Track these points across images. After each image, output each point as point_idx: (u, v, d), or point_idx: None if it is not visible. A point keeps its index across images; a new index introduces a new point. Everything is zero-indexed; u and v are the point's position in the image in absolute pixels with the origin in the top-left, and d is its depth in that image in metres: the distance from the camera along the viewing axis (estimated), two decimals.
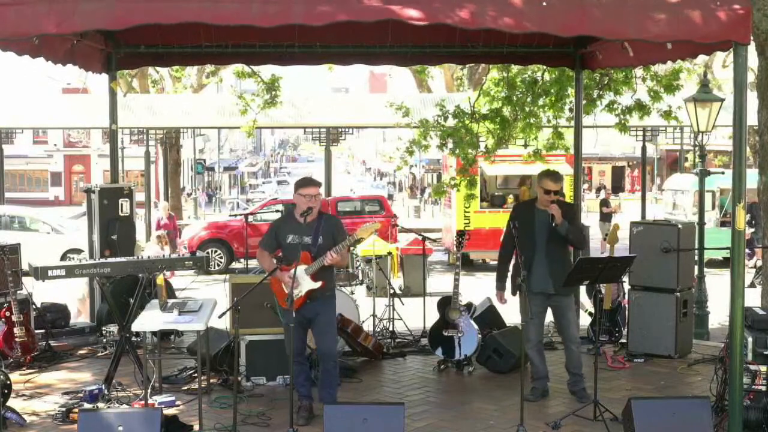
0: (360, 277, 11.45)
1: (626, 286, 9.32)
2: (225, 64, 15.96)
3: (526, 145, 15.67)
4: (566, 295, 7.42)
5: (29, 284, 9.04)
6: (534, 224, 7.33)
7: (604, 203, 26.60)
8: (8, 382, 7.01)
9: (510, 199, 21.96)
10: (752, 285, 14.28)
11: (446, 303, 8.62)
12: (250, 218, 18.34)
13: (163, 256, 13.40)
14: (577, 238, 7.42)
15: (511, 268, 7.61)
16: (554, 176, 7.36)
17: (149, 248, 16.78)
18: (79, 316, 10.65)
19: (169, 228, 19.72)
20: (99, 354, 9.15)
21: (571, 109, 12.69)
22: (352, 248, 7.02)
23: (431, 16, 5.91)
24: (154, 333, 7.67)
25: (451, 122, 13.81)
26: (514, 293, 7.47)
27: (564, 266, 7.34)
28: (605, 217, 25.19)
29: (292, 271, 6.66)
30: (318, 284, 6.73)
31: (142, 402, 6.84)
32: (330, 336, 6.99)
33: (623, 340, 9.29)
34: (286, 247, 6.87)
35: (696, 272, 10.63)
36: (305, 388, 7.00)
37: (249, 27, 6.09)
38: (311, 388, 7.08)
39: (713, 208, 21.45)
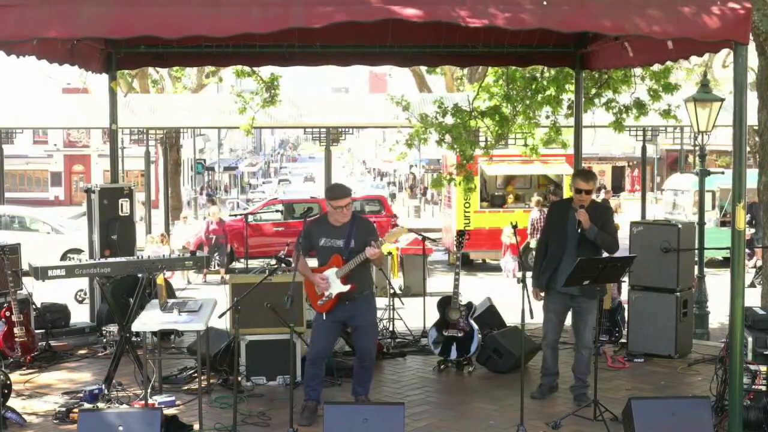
0: None
1: (625, 286, 9.32)
2: (225, 66, 15.94)
3: (525, 144, 15.68)
4: (590, 298, 7.28)
5: (29, 284, 9.03)
6: (567, 224, 7.30)
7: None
8: (8, 382, 7.02)
9: (510, 199, 21.97)
10: (752, 285, 14.28)
11: (446, 303, 8.62)
12: (250, 218, 18.34)
13: (163, 256, 13.40)
14: (606, 243, 7.29)
15: (543, 264, 7.53)
16: (586, 176, 7.36)
17: (148, 248, 16.78)
18: None
19: (218, 233, 19.72)
20: (99, 354, 9.15)
21: (569, 107, 12.69)
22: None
23: (431, 14, 5.92)
24: (154, 333, 7.66)
25: (449, 120, 13.81)
26: (542, 289, 7.45)
27: None
28: None
29: (324, 273, 6.76)
30: (347, 287, 6.75)
31: (142, 402, 6.84)
32: (370, 337, 7.05)
33: (623, 340, 9.29)
34: (320, 250, 6.89)
35: (696, 272, 10.63)
36: (315, 391, 6.98)
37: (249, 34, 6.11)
38: (321, 392, 7.05)
39: (713, 208, 21.44)
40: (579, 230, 7.17)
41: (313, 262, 7.08)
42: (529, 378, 7.85)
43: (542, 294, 7.55)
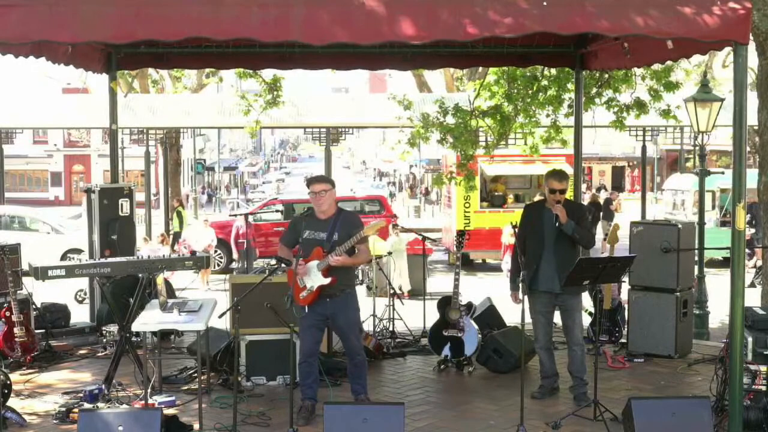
0: (360, 277, 11.46)
1: (625, 286, 9.32)
2: (225, 68, 15.94)
3: (526, 142, 15.68)
4: (573, 295, 7.38)
5: (29, 284, 9.03)
6: (543, 224, 7.36)
7: (608, 202, 26.63)
8: (8, 382, 7.01)
9: (510, 199, 21.98)
10: (752, 285, 14.29)
11: (446, 303, 8.62)
12: (250, 218, 18.35)
13: (163, 255, 13.39)
14: (584, 238, 7.39)
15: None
16: (559, 175, 7.40)
17: (143, 249, 16.73)
18: None
19: (247, 237, 19.70)
20: (99, 354, 9.15)
21: (570, 106, 12.68)
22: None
23: (433, 34, 5.94)
24: (154, 333, 7.66)
25: (450, 120, 13.81)
26: (525, 293, 7.45)
27: (572, 266, 7.32)
28: (608, 216, 25.20)
29: (306, 265, 6.73)
30: (328, 280, 6.74)
31: (142, 402, 6.84)
32: (354, 335, 7.05)
33: (623, 340, 9.28)
34: (303, 242, 6.90)
35: (696, 272, 10.63)
36: (311, 389, 7.00)
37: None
38: (317, 390, 7.07)
39: (713, 208, 21.46)
40: (557, 224, 7.22)
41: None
42: (529, 378, 7.86)
43: (520, 297, 7.55)
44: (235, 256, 20.33)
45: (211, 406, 7.28)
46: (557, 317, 7.61)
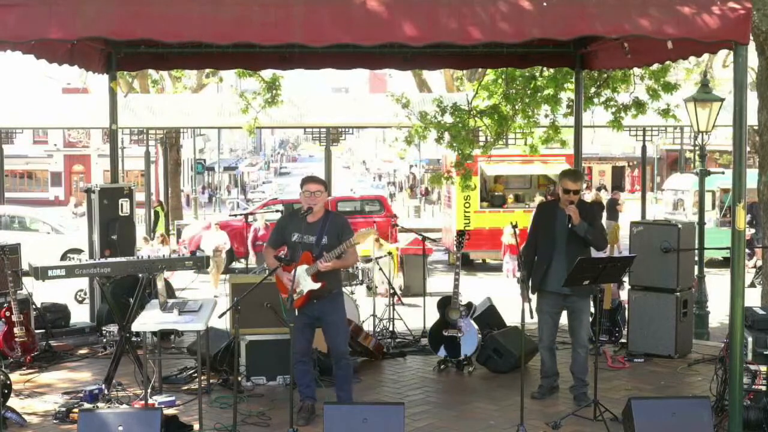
0: (360, 277, 11.44)
1: (626, 286, 9.32)
2: (225, 69, 15.93)
3: (525, 142, 15.68)
4: (582, 297, 7.35)
5: (29, 284, 9.03)
6: (555, 224, 7.32)
7: (613, 203, 26.64)
8: (8, 382, 7.01)
9: (510, 199, 21.98)
10: (752, 285, 14.29)
11: (446, 303, 8.62)
12: (250, 218, 18.33)
13: (163, 255, 13.40)
14: (596, 239, 7.33)
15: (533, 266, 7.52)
16: (574, 175, 7.38)
17: (144, 249, 16.72)
18: None
19: (265, 239, 19.55)
20: (99, 354, 9.15)
21: (569, 106, 12.69)
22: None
23: (434, 36, 5.94)
24: (154, 333, 7.66)
25: (448, 119, 13.81)
26: (533, 291, 7.43)
27: None
28: (613, 216, 25.23)
29: (293, 271, 6.66)
30: (318, 285, 6.72)
31: (142, 402, 6.84)
32: (340, 336, 6.99)
33: (623, 340, 9.29)
34: (291, 245, 6.85)
35: (696, 272, 10.63)
36: (309, 389, 7.00)
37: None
38: (315, 389, 7.08)
39: (713, 208, 21.46)
40: (570, 225, 7.19)
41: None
42: (529, 378, 7.86)
43: (530, 296, 7.53)
44: (252, 258, 20.21)
45: (211, 406, 7.28)
46: (563, 318, 7.61)
